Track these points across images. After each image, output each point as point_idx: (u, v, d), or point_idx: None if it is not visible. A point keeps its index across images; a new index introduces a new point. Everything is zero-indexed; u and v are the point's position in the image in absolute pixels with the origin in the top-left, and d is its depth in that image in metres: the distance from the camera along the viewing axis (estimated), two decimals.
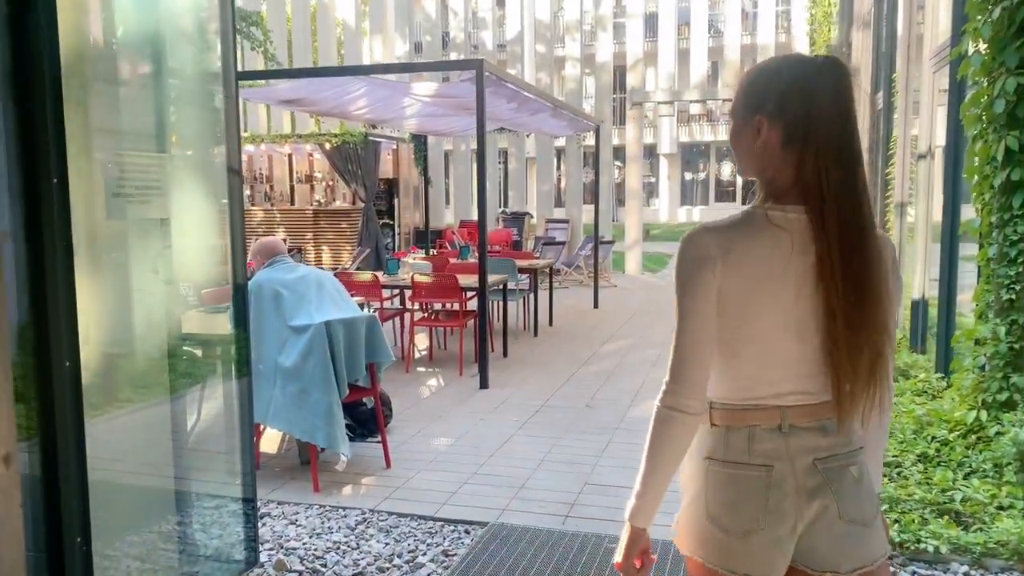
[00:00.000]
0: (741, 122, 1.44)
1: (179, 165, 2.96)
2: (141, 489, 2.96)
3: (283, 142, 14.58)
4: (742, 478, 1.41)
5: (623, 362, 7.15)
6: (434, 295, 6.76)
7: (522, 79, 8.77)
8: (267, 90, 6.48)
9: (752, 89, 1.42)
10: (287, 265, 4.29)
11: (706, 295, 1.38)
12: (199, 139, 3.10)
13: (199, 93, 3.09)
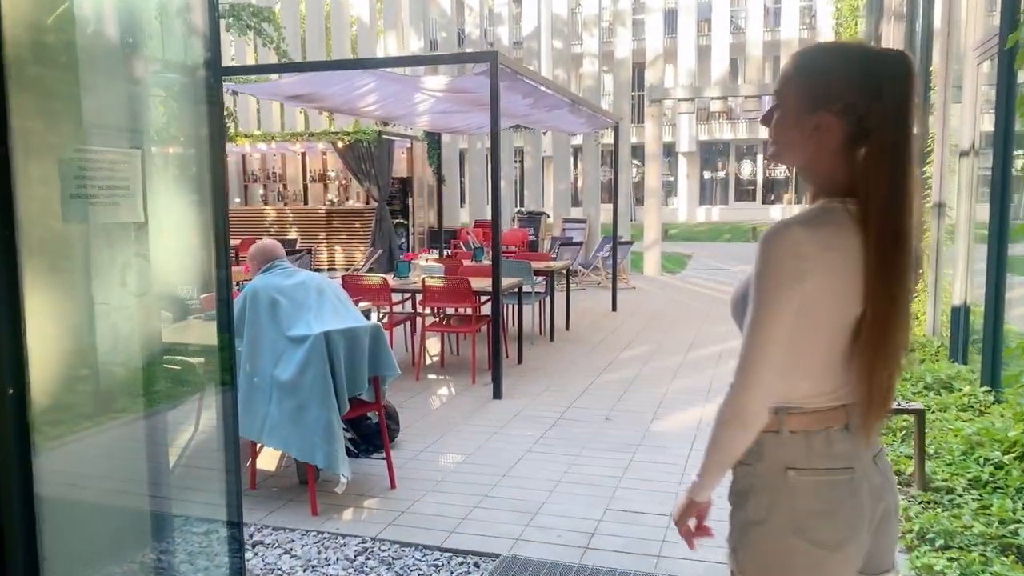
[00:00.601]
0: (797, 115, 1.36)
1: (155, 163, 2.66)
2: (109, 519, 2.67)
3: (295, 140, 14.33)
4: (832, 484, 1.37)
5: (643, 371, 6.81)
6: (445, 299, 6.46)
7: (538, 73, 8.44)
8: (273, 85, 6.21)
9: (815, 81, 1.34)
10: (285, 270, 3.99)
11: (794, 297, 1.31)
12: (178, 134, 2.80)
13: (178, 83, 2.80)
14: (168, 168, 2.80)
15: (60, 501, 2.35)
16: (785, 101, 1.37)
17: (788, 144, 1.40)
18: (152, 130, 2.61)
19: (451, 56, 7.90)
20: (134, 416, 2.70)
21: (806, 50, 1.40)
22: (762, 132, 28.03)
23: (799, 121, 1.35)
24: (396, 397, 5.81)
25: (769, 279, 1.32)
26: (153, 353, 2.85)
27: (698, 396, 5.93)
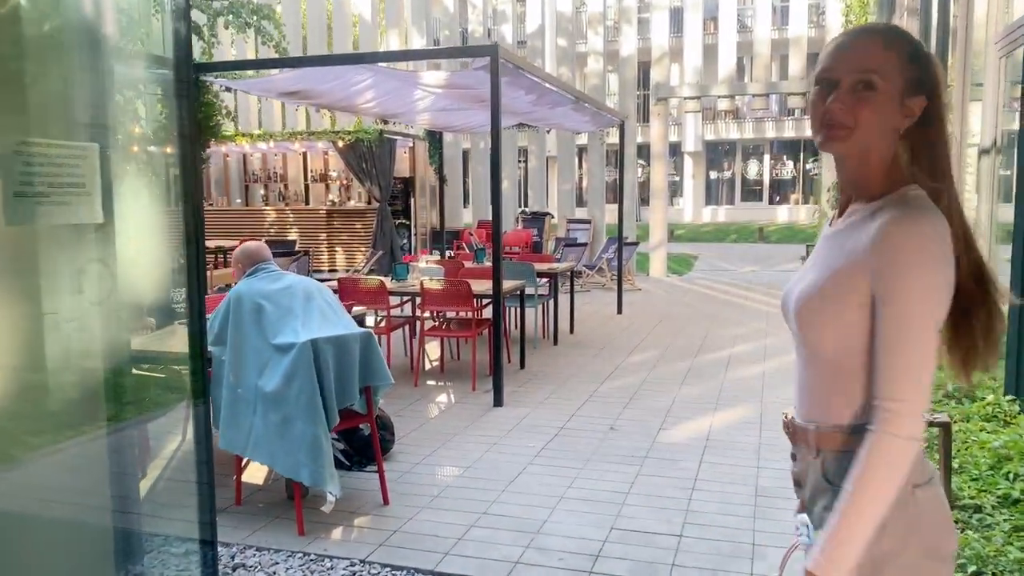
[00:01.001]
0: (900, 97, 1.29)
1: (122, 160, 2.44)
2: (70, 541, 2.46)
3: (294, 140, 14.12)
4: (939, 492, 1.31)
5: (650, 377, 6.57)
6: (445, 303, 6.23)
7: (541, 68, 8.21)
8: (267, 81, 5.99)
9: (917, 65, 1.30)
10: (272, 274, 3.77)
11: (946, 289, 1.23)
12: (146, 129, 2.58)
13: (145, 75, 2.58)
14: (136, 165, 2.59)
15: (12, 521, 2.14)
16: (889, 81, 1.28)
17: (878, 127, 1.29)
18: (116, 124, 2.39)
19: (450, 50, 7.67)
20: (96, 431, 2.48)
21: (899, 31, 1.35)
22: (768, 131, 27.69)
23: (896, 103, 1.29)
24: (393, 405, 5.60)
25: (922, 271, 1.21)
26: (120, 363, 2.63)
27: (707, 404, 5.69)
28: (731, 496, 3.92)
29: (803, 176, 30.04)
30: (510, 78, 5.92)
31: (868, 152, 1.32)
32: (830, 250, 1.34)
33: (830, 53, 1.33)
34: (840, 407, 1.31)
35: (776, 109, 28.74)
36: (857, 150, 1.31)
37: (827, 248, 1.36)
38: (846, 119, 1.28)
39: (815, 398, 1.36)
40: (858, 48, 1.31)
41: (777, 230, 25.13)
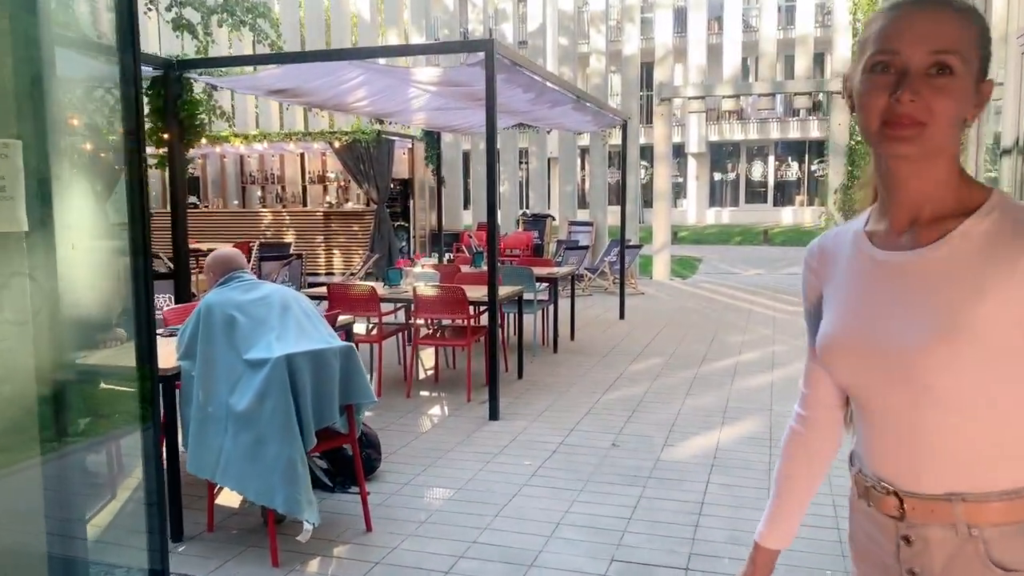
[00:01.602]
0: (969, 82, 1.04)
1: (59, 159, 2.17)
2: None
3: (288, 140, 13.86)
4: None
5: (654, 387, 6.29)
6: (439, 310, 5.96)
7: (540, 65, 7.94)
8: (251, 78, 5.73)
9: (989, 40, 1.08)
10: (245, 282, 3.49)
11: None
12: (85, 126, 2.31)
13: (84, 63, 2.31)
14: (75, 167, 2.32)
15: None
16: (968, 63, 1.03)
17: (955, 120, 1.05)
18: (49, 120, 2.12)
19: (443, 45, 7.40)
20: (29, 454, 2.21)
21: (969, 6, 1.09)
22: (773, 132, 27.39)
23: (976, 90, 1.06)
24: (383, 418, 5.33)
25: None
26: (63, 381, 2.36)
27: (714, 417, 5.41)
28: (741, 523, 3.63)
29: (808, 178, 29.74)
30: (507, 75, 5.64)
31: (940, 152, 1.06)
32: (936, 281, 1.06)
33: (891, 29, 1.04)
34: (1011, 469, 1.05)
35: (781, 110, 28.46)
36: (929, 150, 1.05)
37: (922, 280, 1.08)
38: (920, 114, 1.02)
39: (961, 462, 1.07)
40: (931, 23, 1.03)
41: (782, 232, 24.84)
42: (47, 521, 2.41)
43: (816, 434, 1.33)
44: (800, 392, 1.37)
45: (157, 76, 5.71)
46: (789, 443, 1.37)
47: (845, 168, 13.64)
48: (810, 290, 1.31)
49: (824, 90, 14.33)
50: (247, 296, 3.43)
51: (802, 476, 1.35)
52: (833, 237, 1.27)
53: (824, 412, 1.32)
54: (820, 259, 1.27)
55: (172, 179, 5.80)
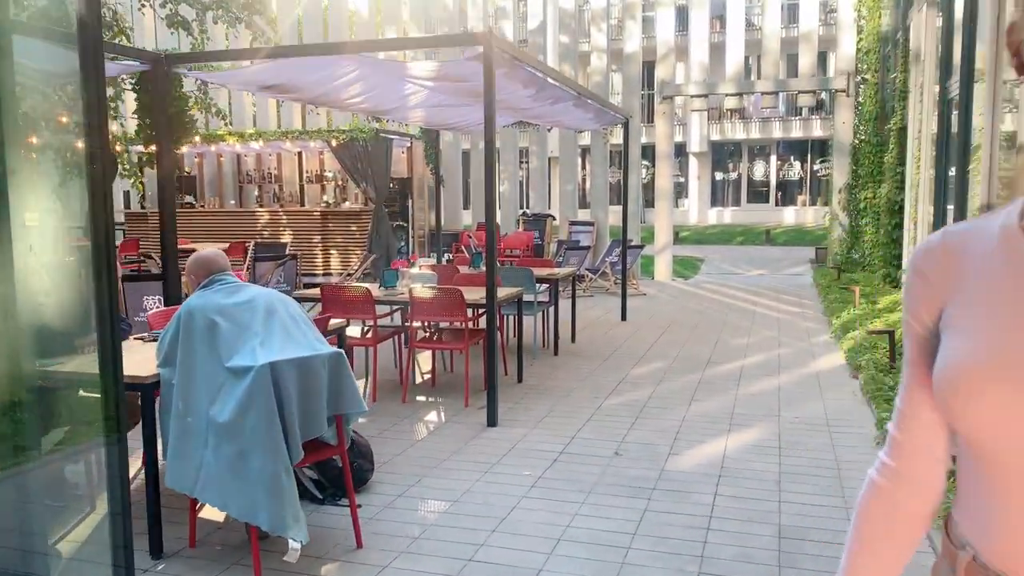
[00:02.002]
0: None
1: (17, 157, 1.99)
2: None
3: (285, 139, 13.67)
4: None
5: (657, 392, 6.11)
6: (435, 313, 5.77)
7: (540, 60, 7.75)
8: (240, 72, 5.55)
9: None
10: (228, 285, 3.31)
11: None
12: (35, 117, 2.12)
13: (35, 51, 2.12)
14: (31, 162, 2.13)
15: None
16: None
17: None
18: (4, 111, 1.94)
19: (441, 39, 7.20)
20: None
21: None
22: (775, 132, 27.16)
23: None
24: (377, 424, 5.15)
25: None
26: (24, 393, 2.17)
27: (720, 424, 5.22)
28: (751, 539, 3.45)
29: (810, 177, 29.55)
30: (506, 70, 5.46)
31: None
32: None
33: None
34: None
35: (783, 109, 28.26)
36: None
37: None
38: None
39: None
40: None
41: (784, 232, 24.64)
42: (8, 536, 2.24)
43: (910, 491, 1.02)
44: (890, 437, 1.05)
45: (145, 71, 5.52)
46: (871, 501, 1.05)
47: (849, 167, 13.45)
48: (923, 304, 0.97)
49: (828, 88, 14.14)
50: (230, 300, 3.24)
51: (885, 546, 1.04)
52: (960, 235, 0.95)
53: (925, 464, 1.01)
54: (943, 263, 0.95)
55: (160, 177, 5.62)
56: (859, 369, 6.45)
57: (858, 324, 8.11)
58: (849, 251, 13.48)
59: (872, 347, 6.76)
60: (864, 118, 13.21)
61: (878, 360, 6.28)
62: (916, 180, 9.30)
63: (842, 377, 6.56)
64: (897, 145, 10.86)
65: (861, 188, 13.15)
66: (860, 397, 5.87)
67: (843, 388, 6.18)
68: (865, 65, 13.18)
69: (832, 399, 5.85)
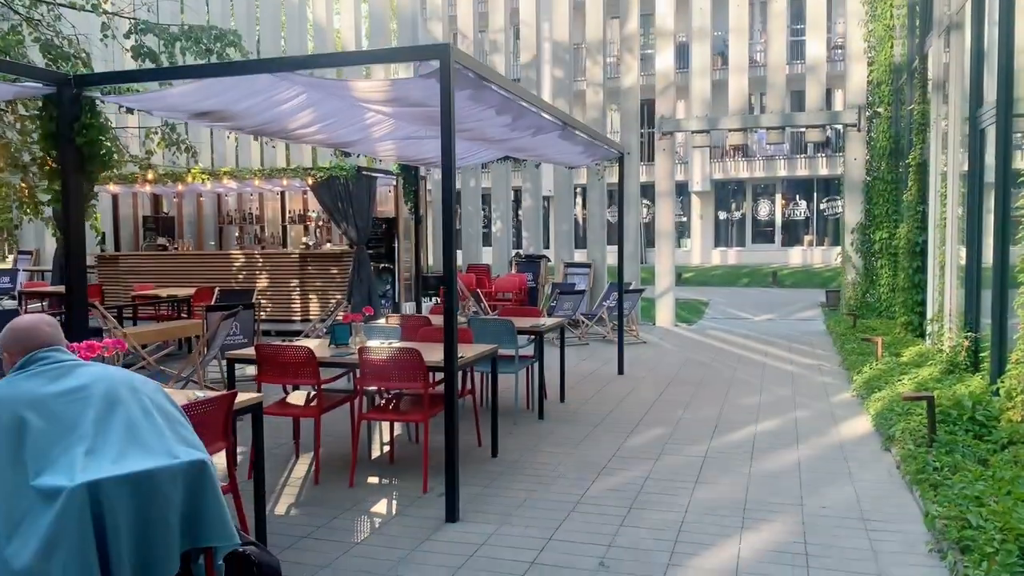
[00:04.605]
0: None
1: None
2: None
3: (255, 177, 12.91)
4: None
5: (656, 471, 5.15)
6: (388, 377, 4.85)
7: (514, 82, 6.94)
8: (159, 97, 4.73)
9: None
10: (54, 366, 2.41)
11: None
12: None
13: None
14: None
15: None
16: None
17: None
18: None
19: (388, 52, 6.40)
20: None
21: None
22: (779, 170, 26.43)
23: None
24: (313, 517, 4.21)
25: None
26: None
27: (731, 518, 4.26)
28: None
29: (817, 216, 28.74)
30: (472, 91, 4.62)
31: None
32: None
33: None
34: None
35: (788, 147, 27.58)
36: None
37: None
38: None
39: None
40: None
41: (791, 273, 23.74)
42: None
43: None
44: None
45: (50, 95, 4.70)
46: None
47: (862, 206, 12.60)
48: None
49: (838, 123, 13.36)
50: (53, 387, 2.34)
51: None
52: None
53: None
54: None
55: (66, 219, 4.76)
56: (892, 441, 5.49)
57: (883, 381, 7.17)
58: (864, 295, 12.56)
59: (906, 413, 5.81)
60: (877, 154, 12.41)
61: (915, 431, 5.33)
62: (941, 219, 8.43)
63: (872, 449, 5.61)
64: (916, 182, 10.02)
65: (876, 228, 12.29)
66: (897, 478, 4.91)
67: (875, 465, 5.22)
68: (877, 98, 12.42)
69: (864, 480, 4.89)
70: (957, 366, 7.08)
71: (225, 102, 4.98)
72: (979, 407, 5.51)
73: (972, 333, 7.10)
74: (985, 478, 4.33)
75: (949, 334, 7.78)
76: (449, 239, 4.26)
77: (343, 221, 12.29)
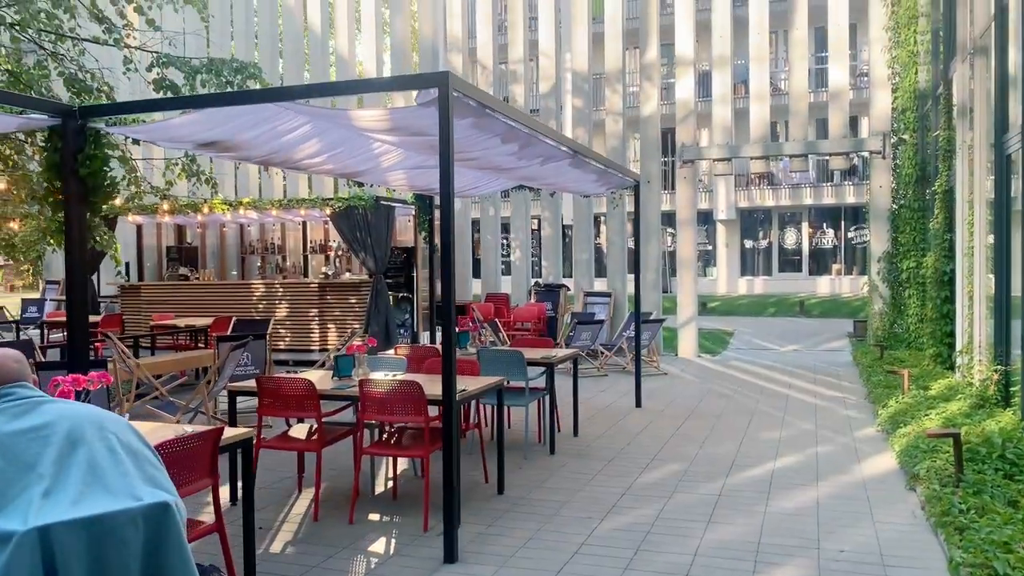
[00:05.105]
0: None
1: None
2: None
3: (272, 207, 13.01)
4: None
5: (667, 509, 4.96)
6: (390, 410, 4.73)
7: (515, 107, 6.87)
8: (164, 128, 4.73)
9: None
10: (17, 403, 2.32)
11: None
12: None
13: None
14: None
15: None
16: None
17: None
18: None
19: (388, 81, 6.36)
20: None
21: None
22: (805, 198, 26.03)
23: None
24: (309, 556, 4.08)
25: None
26: None
27: (743, 563, 4.06)
28: None
29: (845, 245, 28.29)
30: (475, 119, 4.55)
31: None
32: None
33: None
34: None
35: (813, 175, 27.29)
36: None
37: None
38: None
39: None
40: None
41: (819, 303, 23.34)
42: None
43: None
44: None
45: (55, 126, 4.71)
46: None
47: (889, 235, 12.33)
48: None
49: (862, 150, 13.15)
50: (14, 425, 2.25)
51: None
52: None
53: None
54: None
55: (69, 250, 4.74)
56: (917, 480, 5.25)
57: (909, 415, 6.90)
58: (891, 326, 12.24)
59: (931, 450, 5.56)
60: (903, 181, 12.15)
61: (940, 470, 5.09)
62: (969, 248, 8.17)
63: (895, 488, 5.36)
64: (943, 210, 9.77)
65: (903, 257, 12.00)
66: (921, 520, 4.66)
67: (898, 505, 4.98)
68: (902, 124, 12.19)
69: (886, 522, 4.65)
70: (987, 400, 6.80)
71: (228, 132, 4.96)
72: (1009, 444, 5.26)
73: (1002, 366, 6.82)
74: (1014, 521, 4.09)
75: (979, 367, 7.49)
76: (447, 267, 4.15)
77: (361, 250, 12.29)
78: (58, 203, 4.78)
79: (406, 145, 5.39)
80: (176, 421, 6.41)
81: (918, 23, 11.64)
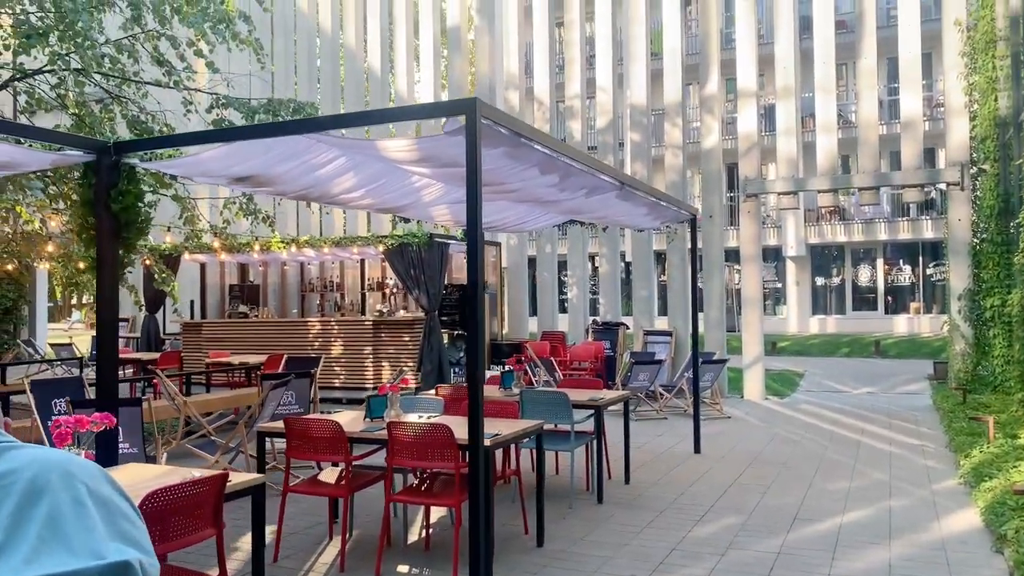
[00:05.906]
0: None
1: None
2: None
3: (324, 245, 13.07)
4: None
5: (720, 568, 4.53)
6: (418, 454, 4.48)
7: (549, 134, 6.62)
8: (197, 163, 4.68)
9: None
10: None
11: None
12: None
13: None
14: None
15: None
16: None
17: None
18: None
19: (416, 109, 6.20)
20: None
21: None
22: (880, 234, 24.92)
23: None
24: None
25: None
26: None
27: None
28: None
29: (923, 282, 27.00)
30: (508, 148, 4.33)
31: None
32: None
33: None
34: None
35: (888, 209, 26.25)
36: None
37: None
38: None
39: None
40: None
41: (896, 343, 22.21)
42: None
43: None
44: None
45: (89, 162, 4.70)
46: None
47: (970, 271, 11.57)
48: None
49: (938, 181, 12.46)
50: None
51: None
52: None
53: None
54: None
55: (100, 286, 4.70)
56: (1004, 541, 4.69)
57: (995, 467, 6.28)
58: (975, 367, 11.42)
59: (1021, 508, 4.99)
60: (984, 214, 11.43)
61: None
62: None
63: (980, 549, 4.80)
64: None
65: (986, 294, 11.23)
66: None
67: (982, 571, 4.44)
68: (982, 154, 11.51)
69: None
70: None
71: (261, 166, 4.88)
72: None
73: None
74: None
75: None
76: (475, 306, 3.90)
77: (415, 288, 12.21)
78: (91, 239, 4.75)
79: (442, 177, 5.21)
80: (215, 461, 6.30)
81: (996, 47, 11.03)
